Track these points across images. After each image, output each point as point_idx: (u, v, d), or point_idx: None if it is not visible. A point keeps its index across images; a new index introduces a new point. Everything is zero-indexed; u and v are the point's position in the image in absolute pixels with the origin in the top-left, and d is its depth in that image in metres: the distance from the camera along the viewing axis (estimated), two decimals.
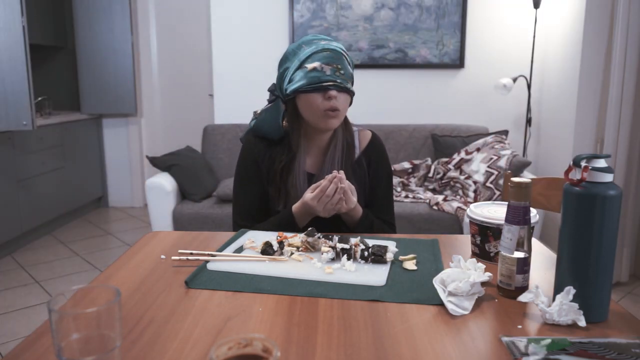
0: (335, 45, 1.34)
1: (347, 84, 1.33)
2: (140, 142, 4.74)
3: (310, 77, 1.31)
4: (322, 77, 1.30)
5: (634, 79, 2.79)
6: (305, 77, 1.31)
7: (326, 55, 1.31)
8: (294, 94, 1.35)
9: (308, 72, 1.31)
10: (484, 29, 3.61)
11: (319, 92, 1.31)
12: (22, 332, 2.43)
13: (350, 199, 1.27)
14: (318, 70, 1.30)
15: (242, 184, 1.45)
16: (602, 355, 0.69)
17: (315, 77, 1.30)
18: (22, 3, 3.09)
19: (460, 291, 0.86)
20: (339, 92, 1.32)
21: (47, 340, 0.75)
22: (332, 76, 1.30)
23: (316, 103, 1.32)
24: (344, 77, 1.32)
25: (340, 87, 1.31)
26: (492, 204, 1.15)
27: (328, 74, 1.30)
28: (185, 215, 2.97)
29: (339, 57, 1.32)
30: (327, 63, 1.30)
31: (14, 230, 3.47)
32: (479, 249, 1.09)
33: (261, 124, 1.43)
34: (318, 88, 1.30)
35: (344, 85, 1.32)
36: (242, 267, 1.02)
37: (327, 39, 1.37)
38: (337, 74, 1.31)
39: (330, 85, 1.30)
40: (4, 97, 3.14)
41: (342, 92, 1.33)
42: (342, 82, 1.31)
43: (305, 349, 0.72)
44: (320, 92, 1.31)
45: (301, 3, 3.57)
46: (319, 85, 1.30)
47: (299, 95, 1.34)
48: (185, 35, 5.00)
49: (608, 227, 0.79)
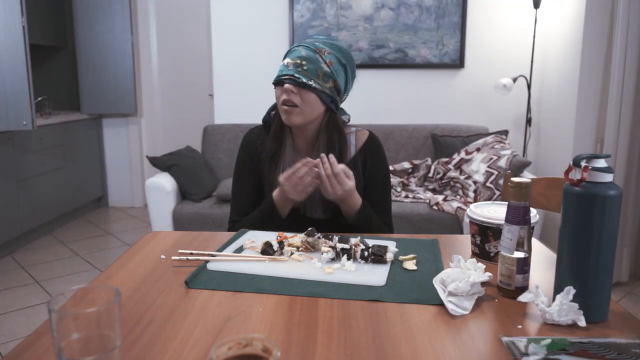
0: (319, 44, 1.33)
1: (308, 80, 1.30)
2: (140, 142, 4.74)
3: (278, 70, 1.34)
4: (283, 72, 1.32)
5: (634, 79, 2.79)
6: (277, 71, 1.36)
7: (295, 51, 1.33)
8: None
9: (280, 67, 1.35)
10: (484, 29, 3.61)
11: (279, 86, 1.33)
12: (22, 332, 2.43)
13: (344, 181, 1.27)
14: (284, 65, 1.33)
15: (236, 179, 1.48)
16: (602, 355, 0.69)
17: (280, 71, 1.33)
18: (22, 3, 3.09)
19: (460, 291, 0.86)
20: (299, 88, 1.30)
21: (47, 340, 0.75)
22: (292, 70, 1.30)
23: (277, 96, 1.34)
24: (306, 73, 1.30)
25: (295, 82, 1.30)
26: (492, 204, 1.15)
27: (290, 69, 1.31)
28: (185, 215, 2.97)
29: (309, 54, 1.31)
30: (292, 58, 1.31)
31: (14, 230, 3.47)
32: (479, 249, 1.09)
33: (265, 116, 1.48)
34: (278, 82, 1.33)
35: (301, 80, 1.29)
36: (242, 267, 1.02)
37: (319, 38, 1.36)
38: (299, 69, 1.30)
39: (285, 78, 1.31)
40: (4, 97, 3.14)
41: (301, 88, 1.30)
42: (300, 77, 1.29)
43: (305, 349, 0.72)
44: (280, 87, 1.33)
45: (301, 3, 3.57)
46: (277, 78, 1.33)
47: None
48: (185, 35, 5.00)
49: (608, 227, 0.79)
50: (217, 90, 3.75)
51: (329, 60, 1.33)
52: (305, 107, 1.33)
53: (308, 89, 1.31)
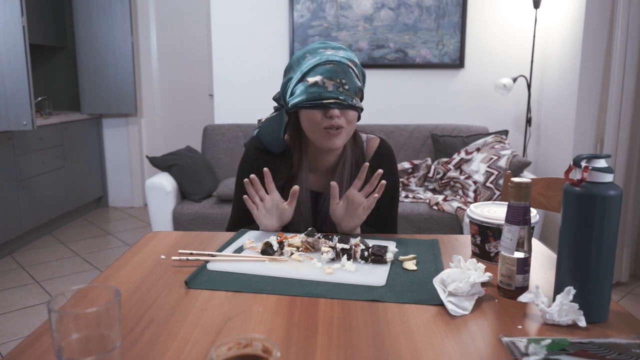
0: (342, 56, 1.23)
1: (352, 100, 1.22)
2: (140, 142, 4.74)
3: (311, 92, 1.21)
4: (323, 94, 1.20)
5: (634, 79, 2.79)
6: (305, 92, 1.22)
7: (329, 69, 1.20)
8: (295, 108, 1.26)
9: (308, 87, 1.21)
10: (484, 29, 3.61)
11: (319, 109, 1.22)
12: (22, 332, 2.43)
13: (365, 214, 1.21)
14: (319, 85, 1.20)
15: (238, 191, 1.38)
16: (602, 355, 0.69)
17: (316, 93, 1.20)
18: (22, 3, 3.10)
19: (461, 291, 0.86)
20: (342, 110, 1.22)
21: (47, 340, 0.75)
22: (334, 92, 1.20)
23: (316, 120, 1.22)
24: (348, 92, 1.21)
25: (342, 105, 1.21)
26: (492, 204, 1.15)
27: (330, 89, 1.20)
28: (185, 215, 2.98)
29: (344, 70, 1.21)
30: (330, 77, 1.20)
31: (14, 230, 3.47)
32: (479, 249, 1.09)
33: (263, 133, 1.35)
34: (318, 105, 1.21)
35: (347, 102, 1.21)
36: (242, 267, 1.02)
37: (335, 47, 1.26)
38: (341, 89, 1.20)
39: (332, 103, 1.20)
40: (4, 97, 3.14)
41: (346, 109, 1.23)
42: (345, 98, 1.21)
43: (305, 349, 0.72)
44: (321, 109, 1.22)
45: (301, 3, 3.57)
46: (319, 102, 1.20)
47: (300, 109, 1.25)
48: (185, 35, 5.00)
49: (608, 227, 0.79)
50: (217, 90, 3.75)
51: (358, 73, 1.26)
52: (348, 128, 1.25)
53: (351, 109, 1.24)
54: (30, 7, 3.90)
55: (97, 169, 4.65)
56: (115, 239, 3.86)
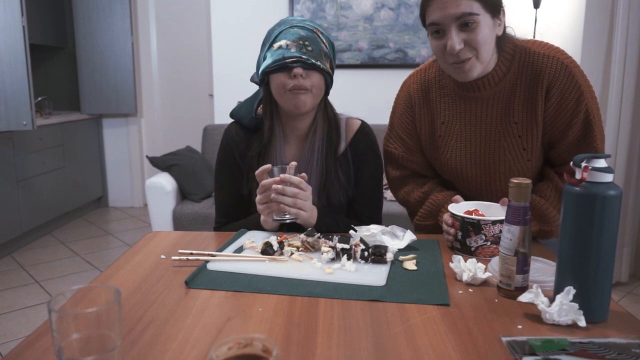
0: (308, 24, 1.26)
1: (317, 61, 1.23)
2: (140, 142, 4.74)
3: (276, 55, 1.23)
4: (286, 54, 1.21)
5: (634, 79, 2.79)
6: (271, 57, 1.24)
7: (293, 32, 1.23)
8: (265, 77, 1.27)
9: (274, 51, 1.24)
10: None
11: (283, 71, 1.23)
12: (22, 332, 2.43)
13: (305, 206, 1.17)
14: (283, 47, 1.22)
15: (218, 178, 1.40)
16: (602, 355, 0.69)
17: (280, 55, 1.22)
18: (22, 3, 3.10)
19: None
20: (307, 70, 1.22)
21: (47, 340, 0.75)
22: (297, 52, 1.21)
23: (282, 83, 1.23)
24: (312, 53, 1.22)
25: (306, 64, 1.21)
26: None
27: (293, 50, 1.21)
28: (185, 215, 2.97)
29: (308, 34, 1.23)
30: (293, 40, 1.22)
31: (14, 230, 3.47)
32: (460, 244, 1.11)
33: (237, 109, 1.39)
34: (282, 66, 1.22)
35: (311, 61, 1.22)
36: (242, 267, 1.02)
37: (303, 19, 1.29)
38: (304, 50, 1.22)
39: (294, 61, 1.21)
40: (4, 97, 3.14)
41: (311, 70, 1.23)
42: (308, 58, 1.21)
43: (305, 349, 0.72)
44: (285, 71, 1.23)
45: (301, 3, 3.57)
46: (282, 62, 1.22)
47: (269, 77, 1.27)
48: (185, 35, 5.00)
49: (608, 227, 0.79)
50: (217, 90, 3.75)
51: (324, 40, 1.27)
52: (315, 90, 1.25)
53: (316, 70, 1.24)
54: (30, 7, 3.90)
55: (97, 169, 4.65)
56: (115, 239, 3.86)
